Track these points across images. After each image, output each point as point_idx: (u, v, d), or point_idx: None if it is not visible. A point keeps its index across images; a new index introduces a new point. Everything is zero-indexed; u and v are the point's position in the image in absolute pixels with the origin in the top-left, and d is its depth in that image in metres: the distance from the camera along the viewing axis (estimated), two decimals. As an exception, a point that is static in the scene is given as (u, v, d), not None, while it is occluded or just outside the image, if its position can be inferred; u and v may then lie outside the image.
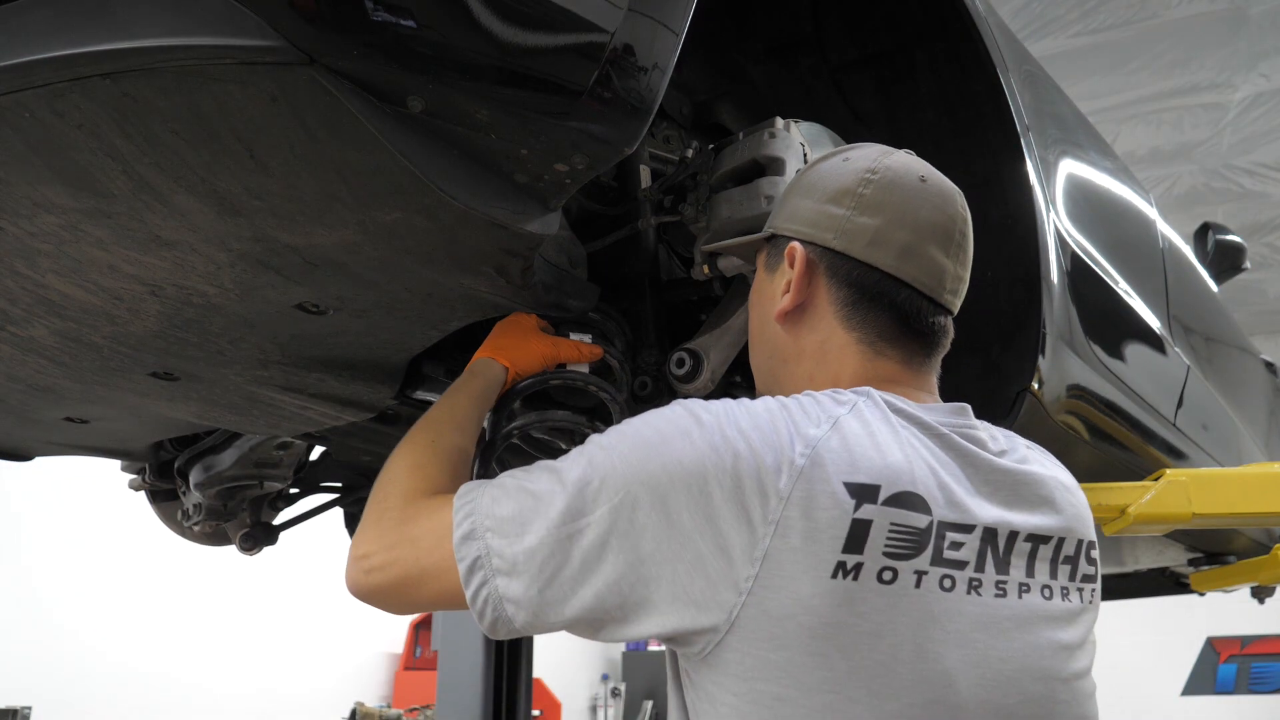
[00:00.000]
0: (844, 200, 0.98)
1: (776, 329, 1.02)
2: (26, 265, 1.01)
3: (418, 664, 8.79)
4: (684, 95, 1.56)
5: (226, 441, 1.91)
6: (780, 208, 1.05)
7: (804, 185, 1.03)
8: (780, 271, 1.01)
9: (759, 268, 1.07)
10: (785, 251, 1.00)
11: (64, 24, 0.72)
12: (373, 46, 0.75)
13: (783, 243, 1.01)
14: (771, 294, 1.02)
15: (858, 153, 1.03)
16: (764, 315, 1.04)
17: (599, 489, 0.83)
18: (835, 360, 0.98)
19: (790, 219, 1.02)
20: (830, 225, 0.98)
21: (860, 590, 0.79)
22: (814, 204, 1.00)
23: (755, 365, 1.08)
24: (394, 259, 1.00)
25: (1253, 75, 5.89)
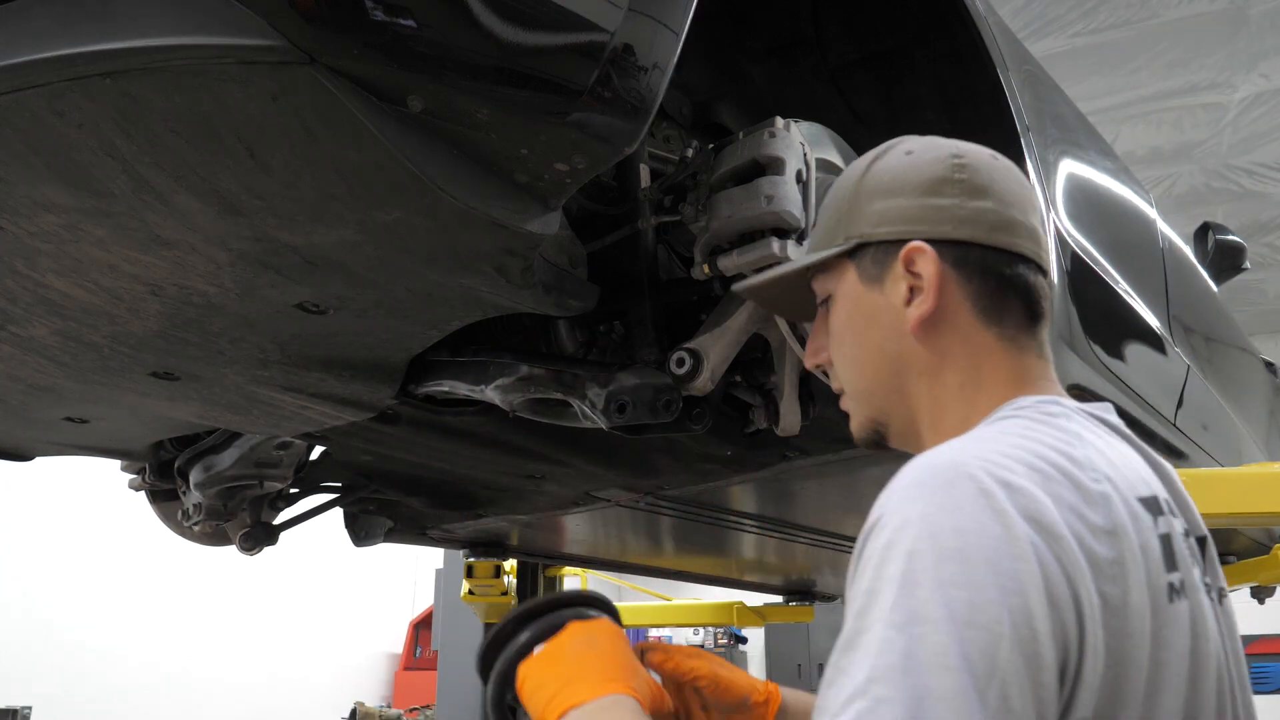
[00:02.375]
0: (945, 189, 0.91)
1: (906, 342, 0.91)
2: (26, 265, 1.01)
3: (418, 664, 8.79)
4: (684, 95, 1.56)
5: (226, 441, 1.91)
6: (852, 217, 0.94)
7: (878, 187, 0.94)
8: (892, 279, 0.91)
9: (846, 285, 0.95)
10: (901, 255, 0.90)
11: (64, 24, 0.72)
12: (373, 46, 0.75)
13: (887, 249, 0.92)
14: (885, 306, 0.92)
15: (913, 143, 0.96)
16: (881, 332, 0.93)
17: None
18: (985, 363, 0.91)
19: (883, 221, 0.92)
20: (943, 216, 0.91)
21: None
22: (908, 201, 0.92)
23: (863, 389, 0.96)
24: (394, 259, 1.00)
25: (1253, 75, 5.89)
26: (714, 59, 1.56)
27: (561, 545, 3.33)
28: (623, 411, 1.25)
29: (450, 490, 2.20)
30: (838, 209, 0.97)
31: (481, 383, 1.35)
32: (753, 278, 1.07)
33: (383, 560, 8.12)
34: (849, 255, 0.95)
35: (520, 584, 4.11)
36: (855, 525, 3.16)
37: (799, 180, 1.19)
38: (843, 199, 0.97)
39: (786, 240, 1.17)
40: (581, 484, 2.07)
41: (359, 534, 2.42)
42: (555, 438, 1.74)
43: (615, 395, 1.26)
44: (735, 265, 1.20)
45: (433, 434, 1.66)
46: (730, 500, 2.45)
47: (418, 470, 1.95)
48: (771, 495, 2.41)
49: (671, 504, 2.31)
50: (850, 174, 0.98)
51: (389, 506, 2.33)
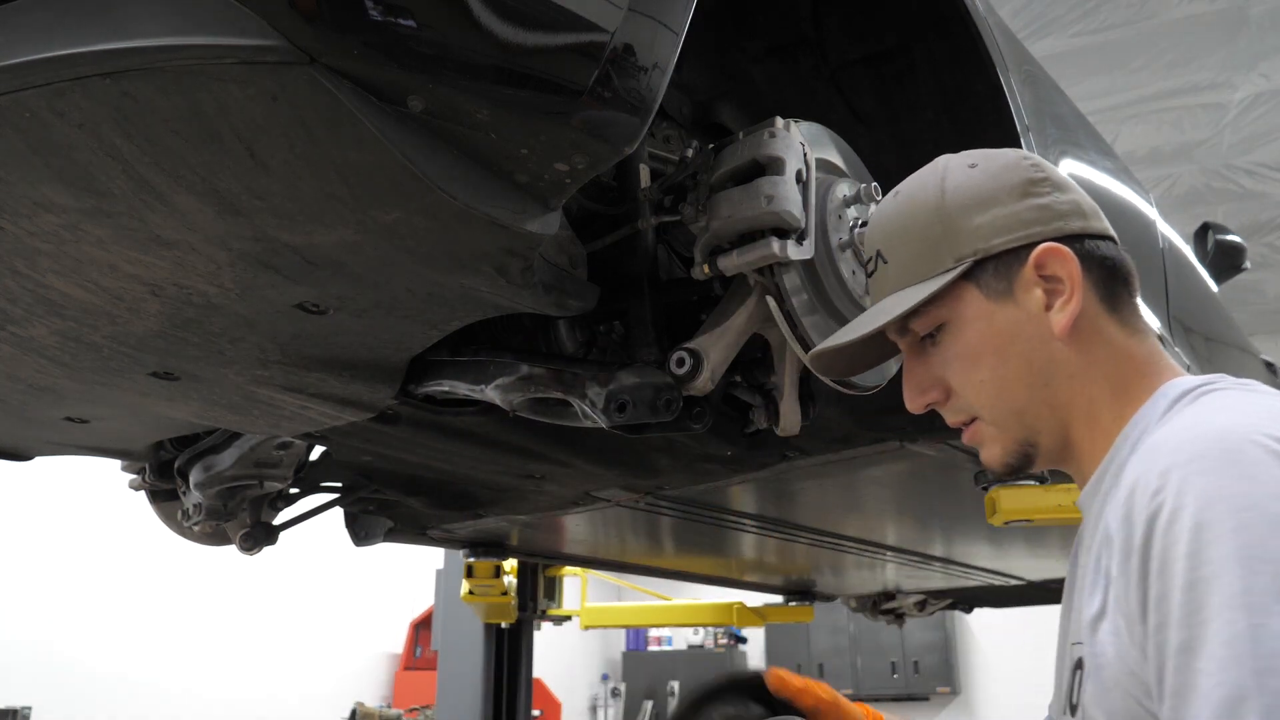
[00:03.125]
0: (1038, 188, 0.90)
1: (1052, 349, 0.88)
2: (26, 265, 1.01)
3: (418, 664, 8.79)
4: (684, 95, 1.56)
5: (226, 441, 1.91)
6: (952, 239, 0.90)
7: (968, 202, 0.90)
8: (1022, 288, 0.88)
9: (969, 308, 0.90)
10: (1031, 260, 0.87)
11: (64, 24, 0.72)
12: (373, 46, 0.75)
13: (1008, 260, 0.89)
14: (1024, 317, 0.88)
15: (962, 159, 0.94)
16: (1026, 344, 0.89)
17: None
18: (1123, 352, 0.89)
19: (996, 232, 0.89)
20: (1051, 214, 0.89)
21: None
22: (1010, 207, 0.89)
23: (1012, 410, 0.91)
24: (394, 258, 1.00)
25: (1253, 75, 5.89)
26: (714, 59, 1.56)
27: (561, 545, 3.33)
28: (623, 411, 1.25)
29: (450, 490, 2.20)
30: (925, 236, 0.91)
31: (481, 382, 1.35)
32: (838, 339, 0.98)
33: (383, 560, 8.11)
34: (964, 276, 0.90)
35: (520, 584, 4.11)
36: (855, 525, 3.16)
37: (799, 180, 1.19)
38: (926, 226, 0.91)
39: (786, 240, 1.17)
40: (581, 484, 2.07)
41: (359, 534, 2.42)
42: (555, 438, 1.74)
43: (615, 394, 1.26)
44: (735, 265, 1.20)
45: (433, 434, 1.66)
46: (730, 500, 2.44)
47: (418, 470, 1.95)
48: (771, 495, 2.41)
49: (671, 504, 2.31)
50: (918, 202, 0.93)
51: (389, 506, 2.33)
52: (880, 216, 0.97)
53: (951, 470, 2.05)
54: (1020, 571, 3.99)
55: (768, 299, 1.21)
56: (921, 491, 2.47)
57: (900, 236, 0.94)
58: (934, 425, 1.75)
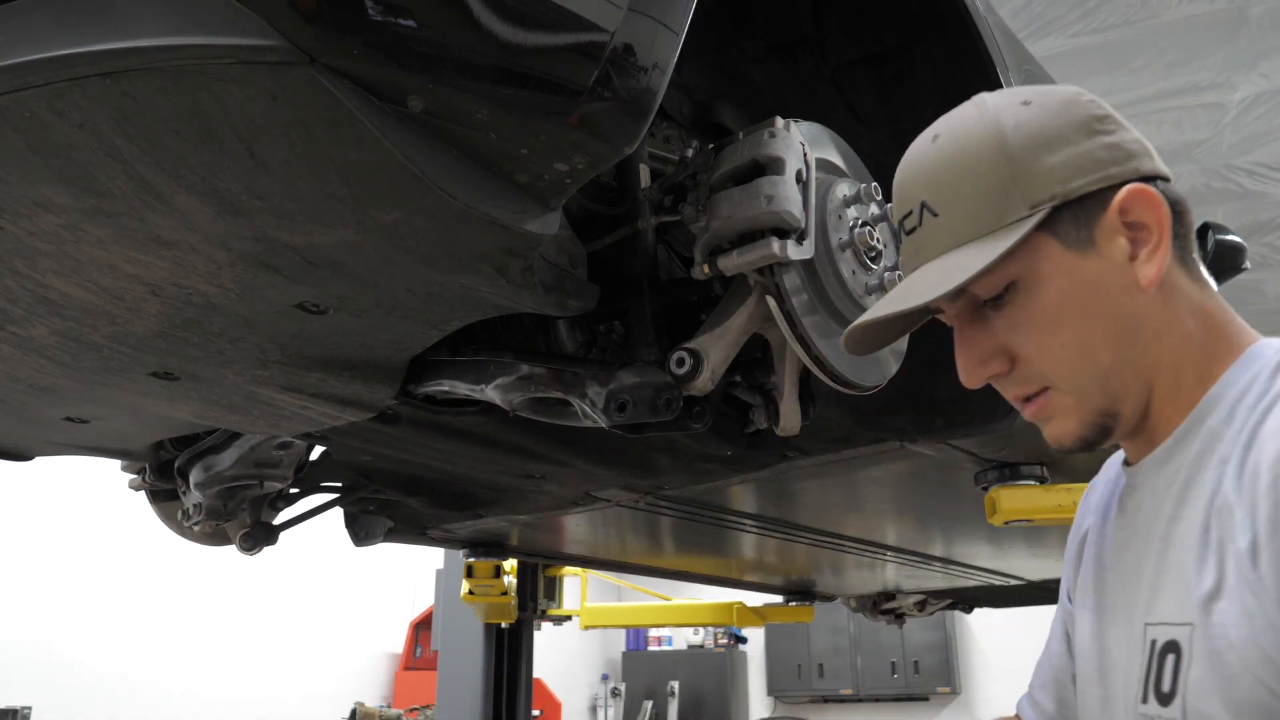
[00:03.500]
0: (1105, 125, 0.80)
1: (1140, 304, 0.78)
2: (26, 265, 1.01)
3: (418, 664, 8.79)
4: (684, 95, 1.56)
5: (226, 441, 1.91)
6: (1024, 183, 0.79)
7: (1036, 142, 0.79)
8: (1104, 236, 0.78)
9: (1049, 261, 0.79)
10: (1115, 205, 0.78)
11: (64, 24, 0.72)
12: (373, 46, 0.75)
13: (1086, 206, 0.78)
14: (1109, 268, 0.78)
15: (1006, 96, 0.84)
16: (1112, 299, 0.79)
17: None
18: (1204, 304, 0.81)
19: (1075, 174, 0.78)
20: (1122, 153, 0.79)
21: None
22: (1082, 145, 0.79)
23: (1098, 375, 0.80)
24: (394, 258, 0.99)
25: (1253, 75, 5.89)
26: (714, 59, 1.56)
27: (561, 545, 3.33)
28: (623, 410, 1.25)
29: (450, 490, 2.20)
30: (991, 181, 0.79)
31: (481, 382, 1.35)
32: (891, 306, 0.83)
33: (383, 560, 8.12)
34: (1040, 226, 0.78)
35: (520, 584, 4.11)
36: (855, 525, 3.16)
37: (799, 180, 1.18)
38: (989, 169, 0.79)
39: (786, 240, 1.17)
40: (581, 484, 2.07)
41: (359, 534, 2.42)
42: (555, 438, 1.74)
43: (615, 394, 1.26)
44: (735, 265, 1.20)
45: (433, 434, 1.66)
46: (730, 500, 2.44)
47: (418, 470, 1.95)
48: (771, 495, 2.41)
49: (671, 504, 2.31)
50: (977, 143, 0.81)
51: (389, 506, 2.33)
52: (919, 163, 0.84)
53: (951, 470, 2.05)
54: (1020, 571, 3.99)
55: (768, 299, 1.21)
56: (921, 491, 2.46)
57: (955, 184, 0.81)
58: (934, 425, 1.75)
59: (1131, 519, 0.85)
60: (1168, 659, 0.74)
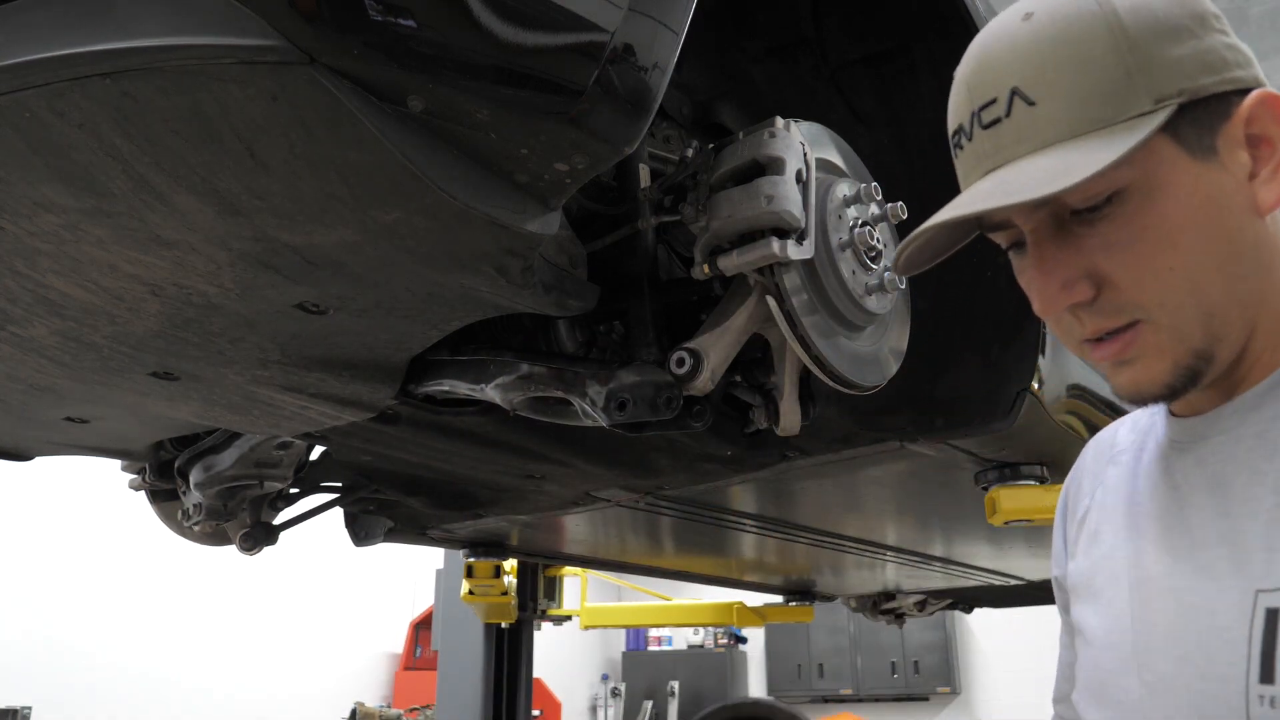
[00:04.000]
0: (1219, 24, 0.71)
1: (1259, 231, 0.70)
2: (26, 265, 1.01)
3: (418, 664, 8.79)
4: (684, 95, 1.56)
5: (226, 441, 1.91)
6: (1148, 71, 0.68)
7: (1159, 28, 0.69)
8: (1228, 147, 0.69)
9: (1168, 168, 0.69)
10: (1243, 112, 0.69)
11: (64, 24, 0.72)
12: (373, 46, 0.75)
13: (1209, 108, 0.69)
14: (1233, 183, 0.70)
15: None
16: (1236, 218, 0.70)
17: None
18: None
19: (1200, 71, 0.69)
20: (1241, 56, 0.71)
21: None
22: (1204, 43, 0.70)
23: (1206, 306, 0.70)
24: (394, 258, 1.00)
25: (1253, 75, 5.89)
26: (714, 59, 1.56)
27: (561, 545, 3.33)
28: (623, 409, 1.25)
29: (450, 490, 2.20)
30: (1104, 68, 0.69)
31: (481, 381, 1.35)
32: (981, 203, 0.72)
33: (383, 560, 8.12)
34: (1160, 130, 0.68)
35: (520, 584, 4.11)
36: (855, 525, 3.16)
37: (799, 180, 1.19)
38: (1104, 53, 0.69)
39: (786, 240, 1.17)
40: (581, 484, 2.07)
41: (359, 534, 2.42)
42: (555, 437, 1.74)
43: (616, 393, 1.26)
44: (735, 265, 1.20)
45: (433, 434, 1.66)
46: (730, 500, 2.44)
47: (418, 470, 1.95)
48: (771, 495, 2.41)
49: (671, 504, 2.31)
50: (1078, 24, 0.70)
51: (389, 506, 2.33)
52: (1009, 44, 0.73)
53: (951, 470, 2.05)
54: (1020, 571, 3.99)
55: (768, 299, 1.21)
56: (921, 491, 2.47)
57: (1060, 68, 0.69)
58: (934, 425, 1.75)
59: (1199, 471, 0.75)
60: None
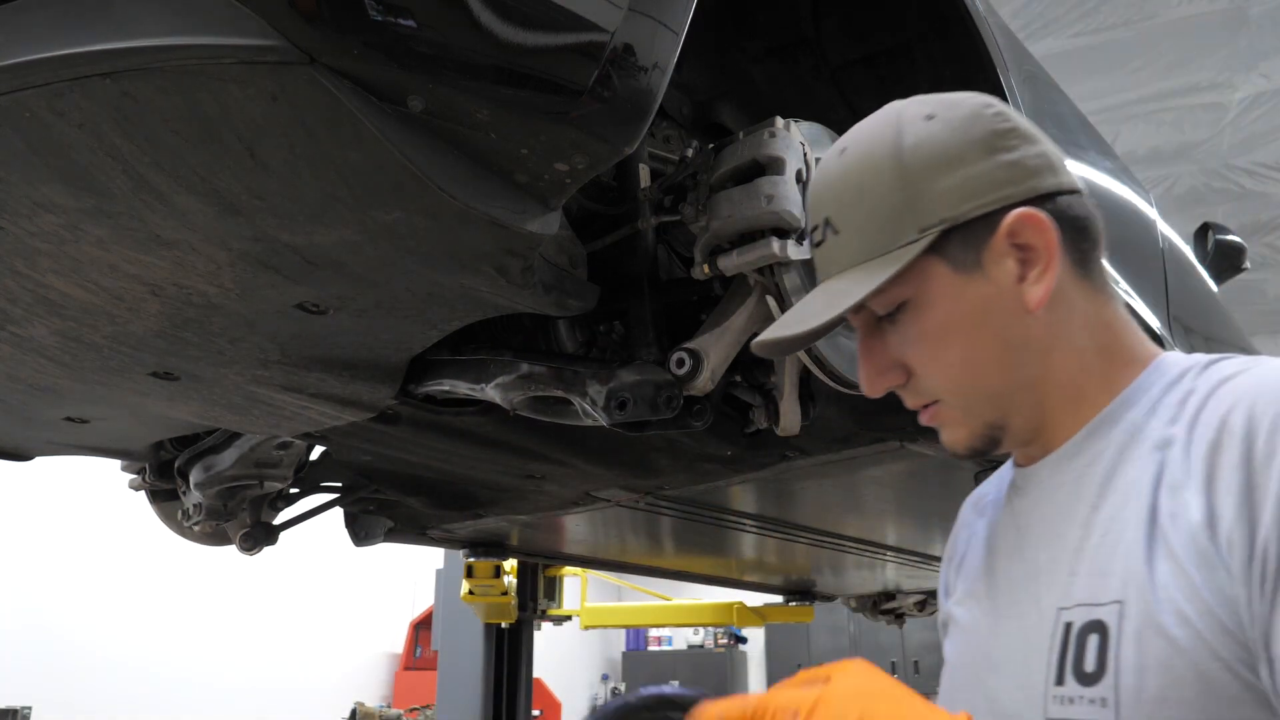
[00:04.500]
0: (1006, 141, 0.81)
1: (1027, 325, 0.80)
2: (26, 265, 1.01)
3: (418, 664, 8.79)
4: (684, 95, 1.56)
5: (226, 441, 1.91)
6: (916, 205, 0.80)
7: (931, 162, 0.80)
8: (993, 259, 0.79)
9: (936, 283, 0.81)
10: (1002, 229, 0.78)
11: (64, 24, 0.72)
12: (373, 46, 0.75)
13: (976, 229, 0.79)
14: (995, 292, 0.80)
15: (912, 108, 0.85)
16: (999, 320, 0.81)
17: None
18: (1103, 315, 0.83)
19: (965, 197, 0.79)
20: (1022, 172, 0.80)
21: None
22: (979, 166, 0.80)
23: (985, 392, 0.83)
24: (394, 258, 0.99)
25: (1253, 75, 5.89)
26: (714, 59, 1.56)
27: (561, 545, 3.33)
28: (623, 408, 1.25)
29: (450, 490, 2.20)
30: (885, 204, 0.81)
31: (482, 381, 1.35)
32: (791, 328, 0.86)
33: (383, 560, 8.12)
34: (929, 249, 0.80)
35: (520, 584, 4.11)
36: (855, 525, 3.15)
37: (799, 180, 1.19)
38: (886, 191, 0.81)
39: (786, 240, 1.17)
40: (581, 484, 2.07)
41: (359, 534, 2.42)
42: (555, 438, 1.74)
43: (616, 392, 1.26)
44: (735, 265, 1.20)
45: (433, 434, 1.66)
46: (730, 500, 2.44)
47: (418, 470, 1.95)
48: (771, 495, 2.41)
49: (671, 504, 2.31)
50: (873, 163, 0.82)
51: (389, 506, 2.33)
52: (827, 178, 0.85)
53: (951, 470, 2.05)
54: (1020, 571, 3.98)
55: (768, 299, 1.21)
56: (921, 491, 2.47)
57: (854, 203, 0.82)
58: (934, 425, 1.75)
59: (1033, 512, 0.85)
60: (1089, 639, 0.74)
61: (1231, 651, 0.68)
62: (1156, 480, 0.74)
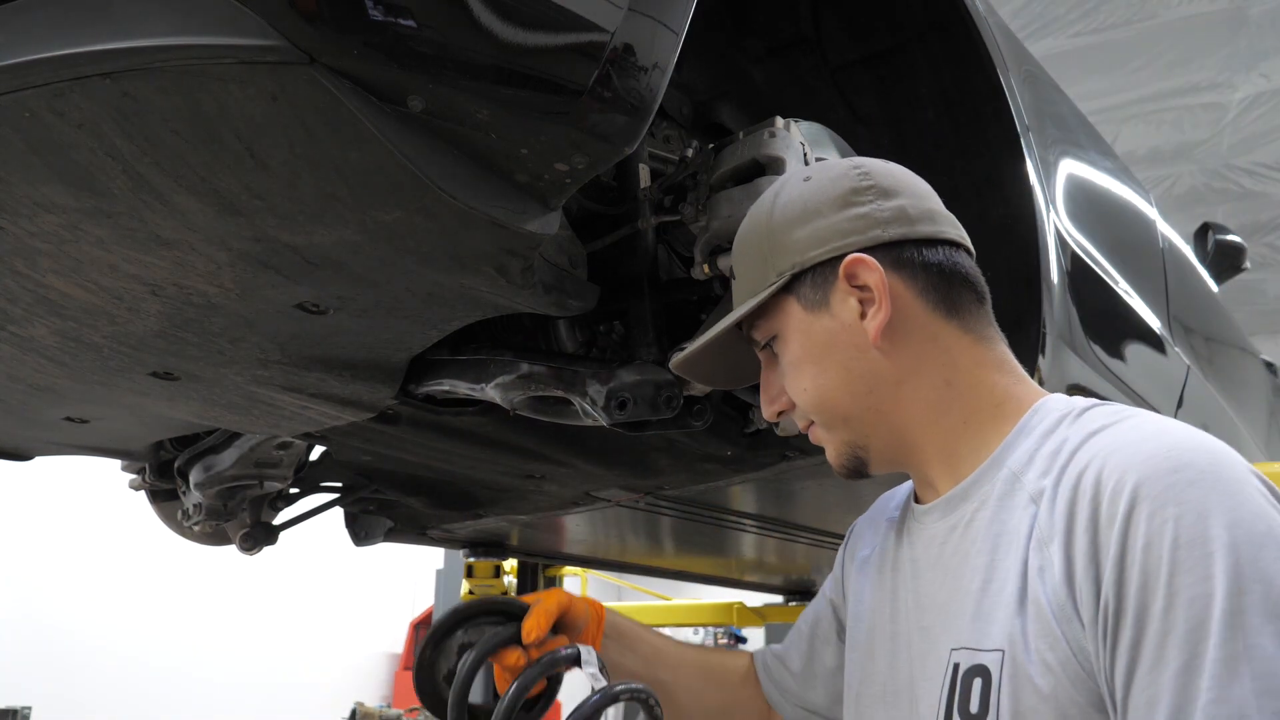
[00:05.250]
0: (859, 197, 0.90)
1: (871, 357, 0.89)
2: (26, 265, 1.01)
3: (418, 664, 8.78)
4: (684, 95, 1.56)
5: (226, 441, 1.91)
6: (776, 253, 0.92)
7: (791, 217, 0.92)
8: (838, 298, 0.90)
9: (791, 319, 0.93)
10: (840, 271, 0.89)
11: (64, 24, 0.72)
12: (373, 46, 0.75)
13: (824, 271, 0.90)
14: (838, 326, 0.90)
15: (805, 172, 0.96)
16: (843, 352, 0.90)
17: None
18: (963, 356, 0.89)
19: (811, 245, 0.90)
20: (867, 223, 0.89)
21: None
22: (828, 219, 0.90)
23: (837, 416, 0.92)
24: (394, 258, 1.00)
25: (1253, 75, 5.90)
26: (714, 59, 1.56)
27: (561, 545, 3.33)
28: (623, 408, 1.25)
29: (450, 490, 2.20)
30: (757, 252, 0.94)
31: (482, 381, 1.35)
32: (683, 352, 1.04)
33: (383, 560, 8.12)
34: (785, 289, 0.93)
35: (520, 584, 4.11)
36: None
37: (799, 180, 1.18)
38: (758, 242, 0.95)
39: (786, 240, 1.17)
40: (581, 484, 2.07)
41: (359, 534, 2.42)
42: (555, 437, 1.74)
43: (616, 392, 1.26)
44: (735, 265, 1.20)
45: (433, 434, 1.66)
46: (730, 500, 2.44)
47: (418, 470, 1.95)
48: (771, 495, 2.41)
49: (671, 504, 2.31)
50: (755, 220, 0.96)
51: (389, 506, 2.33)
52: (737, 234, 1.00)
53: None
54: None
55: (768, 299, 1.21)
56: (921, 491, 2.46)
57: (740, 254, 0.98)
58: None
59: (931, 552, 0.92)
60: (974, 682, 0.79)
61: (1087, 696, 0.73)
62: (1029, 534, 0.79)
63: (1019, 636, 0.76)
